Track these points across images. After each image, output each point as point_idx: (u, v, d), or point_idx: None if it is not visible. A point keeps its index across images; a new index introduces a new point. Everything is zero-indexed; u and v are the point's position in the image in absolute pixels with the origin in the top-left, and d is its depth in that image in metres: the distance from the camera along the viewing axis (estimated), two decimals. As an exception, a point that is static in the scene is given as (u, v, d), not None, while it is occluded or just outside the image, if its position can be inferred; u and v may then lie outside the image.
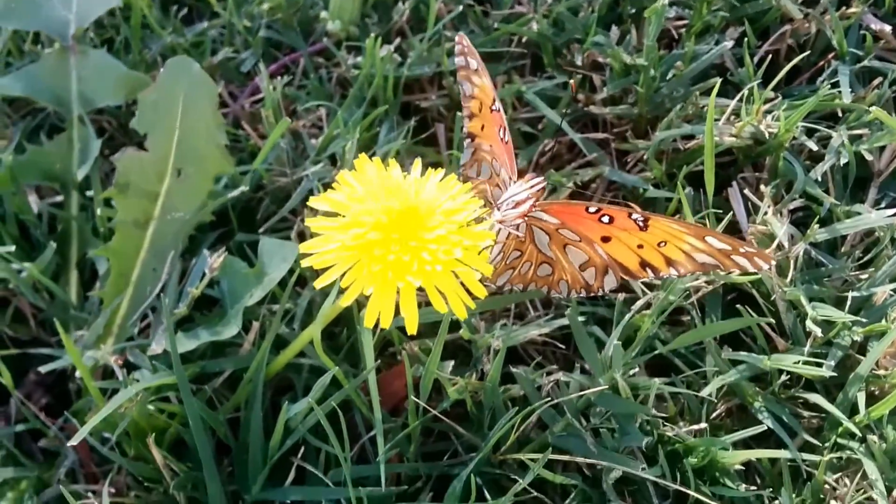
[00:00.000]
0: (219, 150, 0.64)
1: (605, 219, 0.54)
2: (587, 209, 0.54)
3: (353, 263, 0.46)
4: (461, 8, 0.79)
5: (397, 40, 0.78)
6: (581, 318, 0.60)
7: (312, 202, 0.48)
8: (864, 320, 0.60)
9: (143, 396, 0.55)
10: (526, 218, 0.55)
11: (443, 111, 0.78)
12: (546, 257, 0.58)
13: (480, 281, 0.47)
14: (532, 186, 0.55)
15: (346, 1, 0.79)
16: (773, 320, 0.61)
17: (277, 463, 0.58)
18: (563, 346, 0.64)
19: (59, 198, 0.73)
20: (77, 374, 0.62)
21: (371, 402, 0.56)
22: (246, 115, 0.79)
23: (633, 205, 0.69)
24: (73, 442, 0.52)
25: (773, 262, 0.53)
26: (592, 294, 0.59)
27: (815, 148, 0.66)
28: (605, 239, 0.55)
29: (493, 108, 0.58)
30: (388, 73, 0.74)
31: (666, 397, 0.60)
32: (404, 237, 0.46)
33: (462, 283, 0.47)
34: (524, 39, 0.79)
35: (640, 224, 0.53)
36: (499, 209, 0.56)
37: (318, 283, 0.47)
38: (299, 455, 0.58)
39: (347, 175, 0.49)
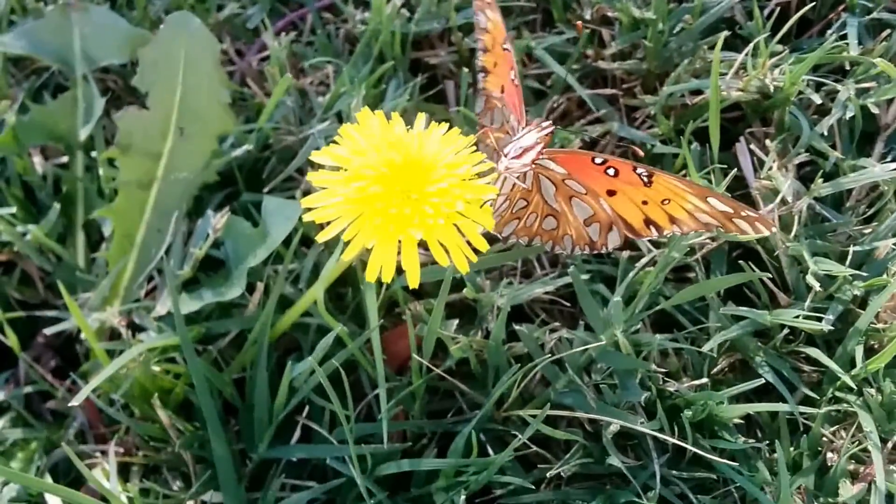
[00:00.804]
0: (222, 108, 0.64)
1: (611, 171, 0.53)
2: (593, 160, 0.54)
3: (355, 217, 0.46)
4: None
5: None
6: (586, 276, 0.60)
7: (314, 157, 0.48)
8: (864, 274, 0.60)
9: (146, 357, 0.55)
10: (534, 165, 0.54)
11: (452, 68, 0.77)
12: (552, 209, 0.57)
13: (484, 234, 0.47)
14: (542, 130, 0.54)
15: (351, -46, 0.78)
16: (773, 275, 0.61)
17: (284, 422, 0.58)
18: (569, 304, 0.64)
19: (65, 159, 0.73)
20: (83, 335, 0.63)
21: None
22: (253, 73, 0.79)
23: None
24: (75, 402, 0.53)
25: (776, 229, 0.52)
26: (596, 251, 0.58)
27: (819, 101, 0.65)
28: (611, 193, 0.55)
29: (504, 46, 0.57)
30: (396, 29, 0.73)
31: (670, 353, 0.60)
32: (406, 190, 0.46)
33: (464, 237, 0.47)
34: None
35: (645, 179, 0.53)
36: (505, 156, 0.55)
37: (321, 237, 0.47)
38: (304, 414, 0.58)
39: (350, 128, 0.49)
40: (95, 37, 0.73)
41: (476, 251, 0.47)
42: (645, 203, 0.54)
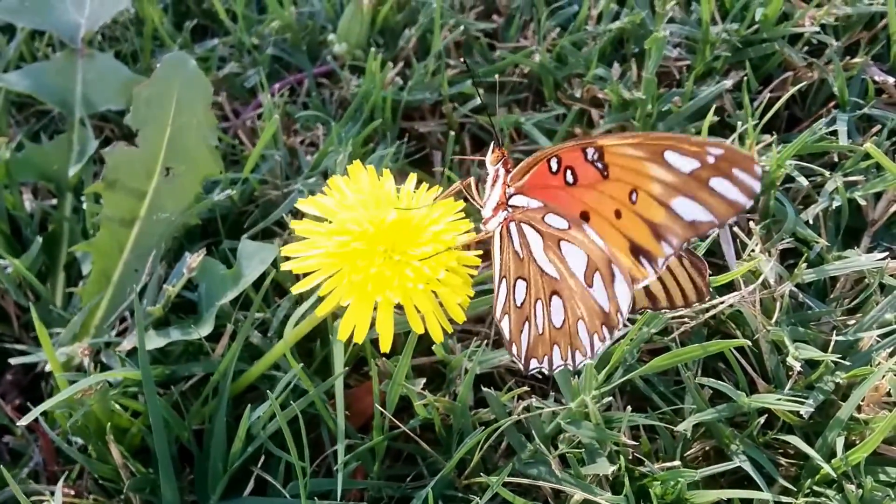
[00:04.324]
0: (209, 150, 0.64)
1: (570, 177, 0.44)
2: (549, 168, 0.44)
3: (335, 272, 0.45)
4: (465, 36, 0.80)
5: (401, 64, 0.78)
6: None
7: (300, 204, 0.48)
8: (847, 363, 0.58)
9: (104, 386, 0.54)
10: (508, 210, 0.47)
11: (441, 138, 0.78)
12: (550, 279, 0.46)
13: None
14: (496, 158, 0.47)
15: (353, 24, 0.80)
16: (753, 362, 0.60)
17: (239, 474, 0.57)
18: (540, 378, 0.63)
19: (55, 200, 0.74)
20: (48, 367, 0.62)
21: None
22: (246, 131, 0.80)
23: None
24: (25, 421, 0.51)
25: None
26: (617, 330, 0.46)
27: (805, 183, 0.65)
28: (584, 215, 0.44)
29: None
30: (388, 95, 0.75)
31: (642, 435, 0.58)
32: (389, 250, 0.45)
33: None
34: (527, 71, 0.79)
35: (599, 166, 0.42)
36: (482, 207, 0.48)
37: (296, 288, 0.46)
38: (259, 465, 0.57)
39: (339, 180, 0.48)
40: (97, 82, 0.74)
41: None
42: (619, 215, 0.43)
